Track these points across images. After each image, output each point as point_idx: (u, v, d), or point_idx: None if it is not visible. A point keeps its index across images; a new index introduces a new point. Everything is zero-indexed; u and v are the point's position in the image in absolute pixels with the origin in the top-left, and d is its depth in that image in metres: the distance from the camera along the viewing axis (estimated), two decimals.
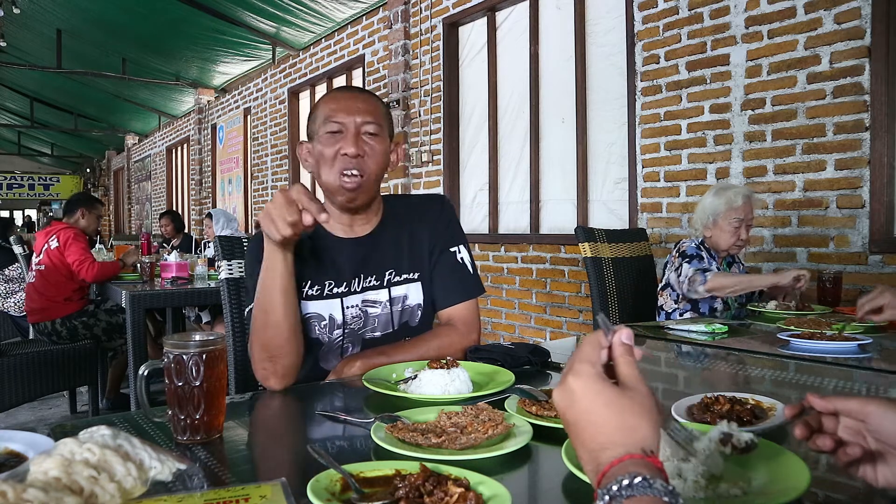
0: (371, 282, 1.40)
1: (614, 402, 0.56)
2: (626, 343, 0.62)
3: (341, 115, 1.31)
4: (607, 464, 0.53)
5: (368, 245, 1.41)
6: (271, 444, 0.94)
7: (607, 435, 0.55)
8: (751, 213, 2.42)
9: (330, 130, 1.31)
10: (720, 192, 2.45)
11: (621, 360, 0.61)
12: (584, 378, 0.58)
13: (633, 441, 0.54)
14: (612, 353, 0.62)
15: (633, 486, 0.49)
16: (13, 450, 0.76)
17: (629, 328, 0.63)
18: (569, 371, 0.60)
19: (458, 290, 1.44)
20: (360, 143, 1.30)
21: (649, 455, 0.53)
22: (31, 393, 3.18)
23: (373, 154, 1.33)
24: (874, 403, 0.62)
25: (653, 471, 0.51)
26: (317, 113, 1.35)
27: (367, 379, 1.14)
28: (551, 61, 4.28)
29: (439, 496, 0.63)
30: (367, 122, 1.32)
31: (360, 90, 1.39)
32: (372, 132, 1.32)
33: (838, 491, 0.70)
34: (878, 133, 2.67)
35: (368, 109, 1.33)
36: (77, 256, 3.64)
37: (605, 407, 0.56)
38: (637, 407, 0.56)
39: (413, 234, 1.45)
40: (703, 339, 1.71)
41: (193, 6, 6.10)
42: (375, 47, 5.62)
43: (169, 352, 0.87)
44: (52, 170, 20.35)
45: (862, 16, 2.69)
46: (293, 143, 7.10)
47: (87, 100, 10.92)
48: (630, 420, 0.55)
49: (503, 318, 4.54)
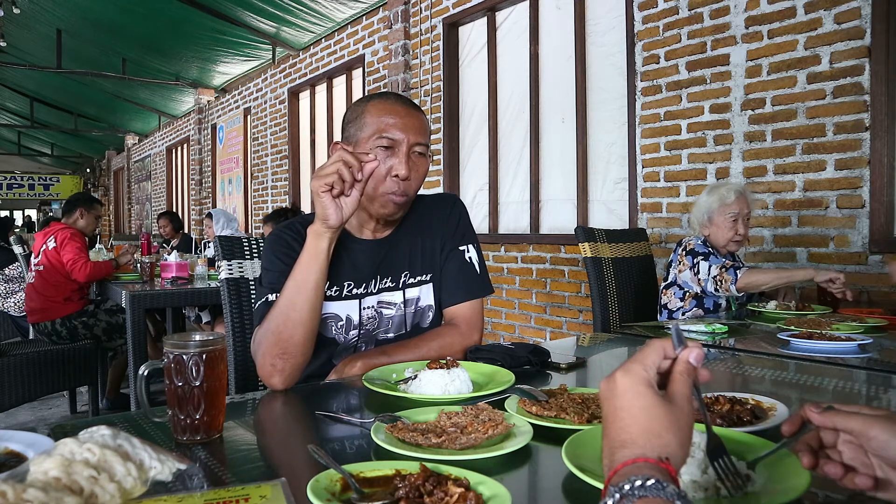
0: (387, 283, 1.41)
1: (651, 408, 0.56)
2: (692, 363, 0.61)
3: (396, 132, 1.29)
4: (621, 462, 0.53)
5: (387, 247, 1.42)
6: (271, 444, 0.94)
7: (631, 434, 0.55)
8: (746, 208, 2.43)
9: (382, 146, 1.29)
10: (713, 191, 2.49)
11: (678, 376, 0.61)
12: (631, 377, 0.58)
13: (652, 446, 0.54)
14: (674, 366, 0.62)
15: (646, 487, 0.49)
16: (13, 450, 0.76)
17: (702, 349, 0.62)
18: (622, 366, 0.60)
19: (463, 288, 1.45)
20: (410, 165, 1.29)
21: (664, 461, 0.53)
22: (31, 393, 3.18)
23: (418, 175, 1.33)
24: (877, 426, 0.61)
25: (666, 476, 0.51)
26: (365, 119, 1.31)
27: (367, 379, 1.14)
28: (551, 61, 4.28)
29: (439, 496, 0.63)
30: (419, 142, 1.31)
31: (412, 105, 1.36)
32: (420, 152, 1.32)
33: (838, 491, 0.70)
34: (878, 133, 2.67)
35: (421, 128, 1.32)
36: (71, 256, 3.64)
37: (640, 409, 0.56)
38: (671, 420, 0.56)
39: (426, 235, 1.46)
40: (703, 339, 1.71)
41: (193, 6, 6.10)
42: (375, 47, 5.62)
43: (169, 352, 0.87)
44: (52, 170, 20.35)
45: (862, 16, 2.69)
46: (293, 143, 7.10)
47: (87, 100, 10.93)
48: (657, 427, 0.55)
49: (503, 318, 4.54)
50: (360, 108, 1.34)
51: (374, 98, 1.35)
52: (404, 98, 1.38)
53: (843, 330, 1.67)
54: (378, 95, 1.37)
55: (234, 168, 8.62)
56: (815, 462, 0.65)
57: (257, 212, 7.95)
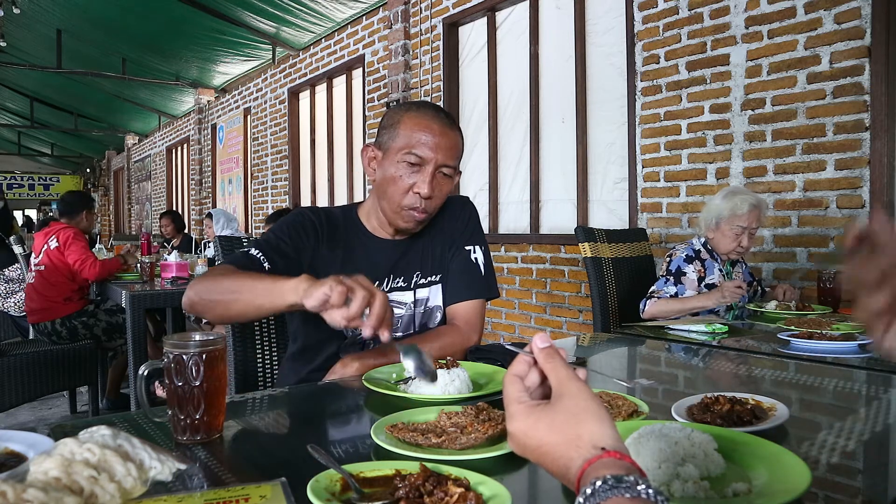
0: (399, 283, 1.43)
1: (553, 422, 0.56)
2: (544, 347, 0.61)
3: (426, 151, 1.29)
4: (576, 480, 0.53)
5: (403, 247, 1.44)
6: (271, 444, 0.94)
7: (562, 455, 0.55)
8: (755, 222, 2.37)
9: (409, 161, 1.29)
10: (728, 197, 2.40)
11: (547, 367, 0.61)
12: (517, 418, 0.58)
13: (584, 448, 0.54)
14: (539, 366, 0.62)
15: (596, 492, 0.48)
16: (13, 450, 0.76)
17: (541, 332, 0.63)
18: (507, 418, 0.60)
19: (465, 287, 1.46)
20: (433, 185, 1.30)
21: (603, 452, 0.53)
22: (31, 393, 3.18)
23: (440, 195, 1.34)
24: None
25: (614, 466, 0.51)
26: (399, 130, 1.32)
27: (367, 379, 1.14)
28: (551, 61, 4.28)
29: (439, 496, 0.63)
30: (447, 164, 1.31)
31: (450, 122, 1.35)
32: (447, 174, 1.33)
33: (838, 491, 0.70)
34: (878, 133, 2.67)
35: (452, 149, 1.32)
36: (78, 256, 3.64)
37: (548, 433, 0.56)
38: (573, 413, 0.56)
39: (438, 236, 1.47)
40: (703, 339, 1.71)
41: (193, 6, 6.10)
42: (375, 47, 5.62)
43: (169, 352, 0.87)
44: (52, 170, 20.34)
45: (862, 16, 2.69)
46: (293, 143, 7.10)
47: (87, 100, 10.92)
48: (572, 430, 0.55)
49: (503, 318, 4.54)
50: (398, 116, 1.34)
51: (413, 109, 1.34)
52: (443, 114, 1.35)
53: (843, 329, 1.66)
54: (417, 106, 1.35)
55: (234, 168, 8.62)
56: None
57: (257, 212, 7.95)
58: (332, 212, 1.45)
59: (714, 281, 2.40)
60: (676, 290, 2.36)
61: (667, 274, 2.41)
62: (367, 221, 1.44)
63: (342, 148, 6.40)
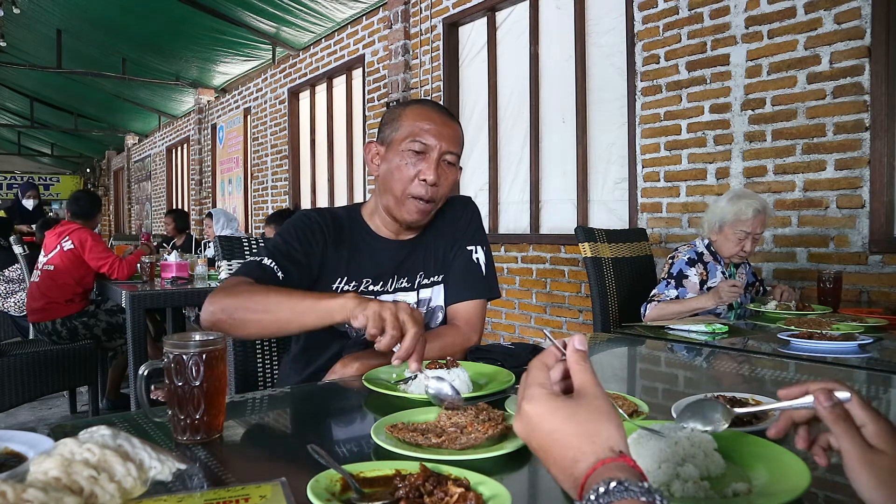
0: (403, 283, 1.43)
1: (573, 415, 0.56)
2: (580, 349, 0.62)
3: (429, 137, 1.31)
4: (583, 476, 0.52)
5: (409, 248, 1.44)
6: (271, 444, 0.94)
7: (575, 448, 0.54)
8: (759, 228, 2.34)
9: (413, 149, 1.31)
10: (734, 200, 2.36)
11: (575, 367, 0.61)
12: (537, 401, 0.58)
13: (600, 446, 0.54)
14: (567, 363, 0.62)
15: (610, 491, 0.48)
16: (13, 450, 0.76)
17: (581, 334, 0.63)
18: (522, 399, 0.60)
19: (466, 287, 1.46)
20: (438, 171, 1.31)
21: (619, 455, 0.53)
22: (31, 393, 3.18)
23: (446, 182, 1.35)
24: (863, 466, 0.60)
25: (627, 471, 0.51)
26: (401, 123, 1.34)
27: (367, 379, 1.14)
28: (551, 61, 4.28)
29: (439, 496, 0.63)
30: (451, 151, 1.33)
31: (449, 114, 1.39)
32: (450, 161, 1.34)
33: (838, 491, 0.70)
34: (878, 133, 2.67)
35: (455, 138, 1.34)
36: (104, 259, 3.70)
37: (564, 422, 0.56)
38: (594, 412, 0.56)
39: (441, 237, 1.48)
40: (703, 339, 1.71)
41: (193, 6, 6.10)
42: (375, 47, 5.62)
43: (169, 352, 0.87)
44: (52, 170, 20.32)
45: (862, 16, 2.69)
46: (293, 143, 7.10)
47: (87, 100, 10.92)
48: (591, 426, 0.55)
49: (503, 318, 4.54)
50: (399, 111, 1.37)
51: (413, 103, 1.38)
52: (442, 107, 1.40)
53: (843, 329, 1.67)
54: (417, 101, 1.39)
55: (234, 168, 8.62)
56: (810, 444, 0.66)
57: (257, 212, 7.95)
58: (336, 212, 1.45)
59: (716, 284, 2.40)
60: (678, 293, 2.36)
61: (668, 277, 2.41)
62: (370, 221, 1.45)
63: (342, 148, 6.40)
